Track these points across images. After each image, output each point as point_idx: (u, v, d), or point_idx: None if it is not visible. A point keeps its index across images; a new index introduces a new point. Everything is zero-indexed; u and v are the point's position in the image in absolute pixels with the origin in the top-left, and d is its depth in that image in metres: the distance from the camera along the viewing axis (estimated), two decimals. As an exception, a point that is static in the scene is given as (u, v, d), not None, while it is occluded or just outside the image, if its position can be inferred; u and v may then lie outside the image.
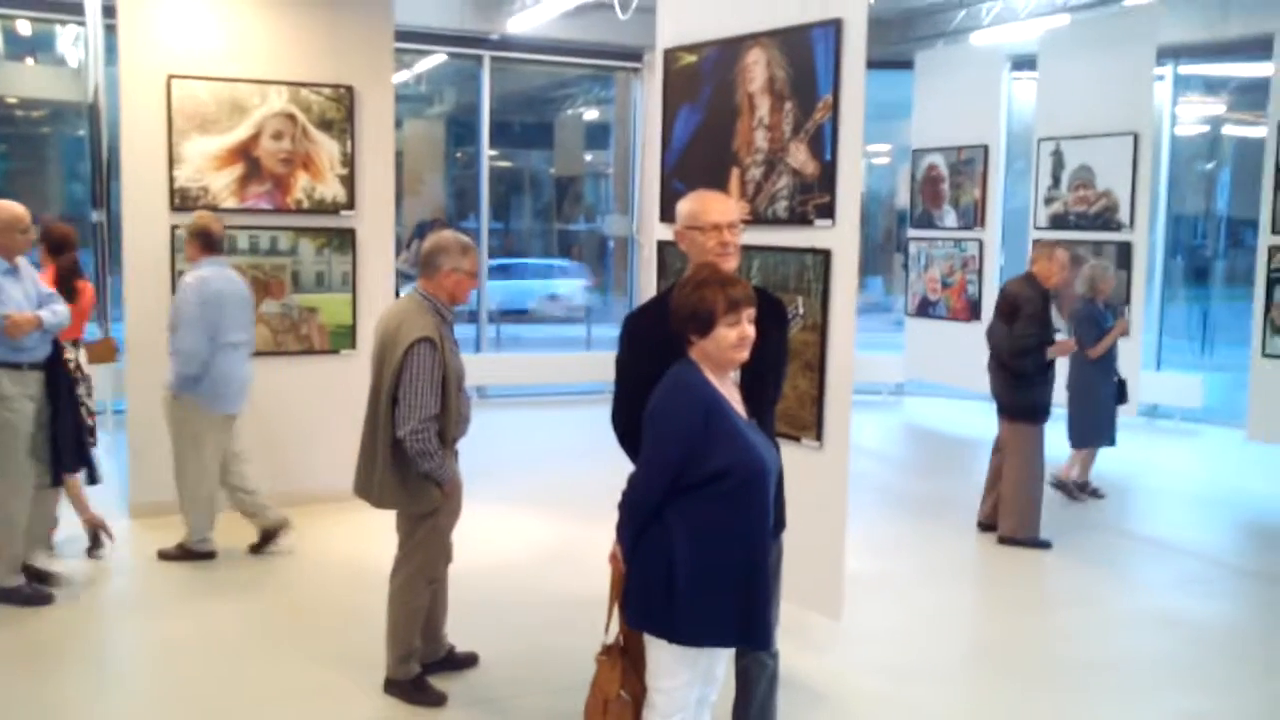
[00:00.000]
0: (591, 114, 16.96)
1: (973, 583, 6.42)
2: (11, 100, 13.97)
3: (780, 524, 3.41)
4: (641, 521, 3.03)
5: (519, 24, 10.90)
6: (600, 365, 11.70)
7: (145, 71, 6.82)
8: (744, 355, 3.05)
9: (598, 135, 17.02)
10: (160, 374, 6.17)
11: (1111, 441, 7.94)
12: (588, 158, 17.84)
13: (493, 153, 12.11)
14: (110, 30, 7.73)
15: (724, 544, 2.98)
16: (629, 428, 3.32)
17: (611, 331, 14.11)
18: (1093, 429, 7.84)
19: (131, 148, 6.86)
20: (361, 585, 5.71)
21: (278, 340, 7.21)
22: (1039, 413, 6.76)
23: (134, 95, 6.84)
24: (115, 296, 9.18)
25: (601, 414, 3.70)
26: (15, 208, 5.42)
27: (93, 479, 5.76)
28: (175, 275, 6.85)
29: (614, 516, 3.14)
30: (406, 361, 4.19)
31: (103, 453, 6.60)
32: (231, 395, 6.14)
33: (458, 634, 4.87)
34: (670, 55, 5.27)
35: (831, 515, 4.45)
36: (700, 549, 2.97)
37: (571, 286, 17.31)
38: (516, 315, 16.28)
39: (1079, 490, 7.95)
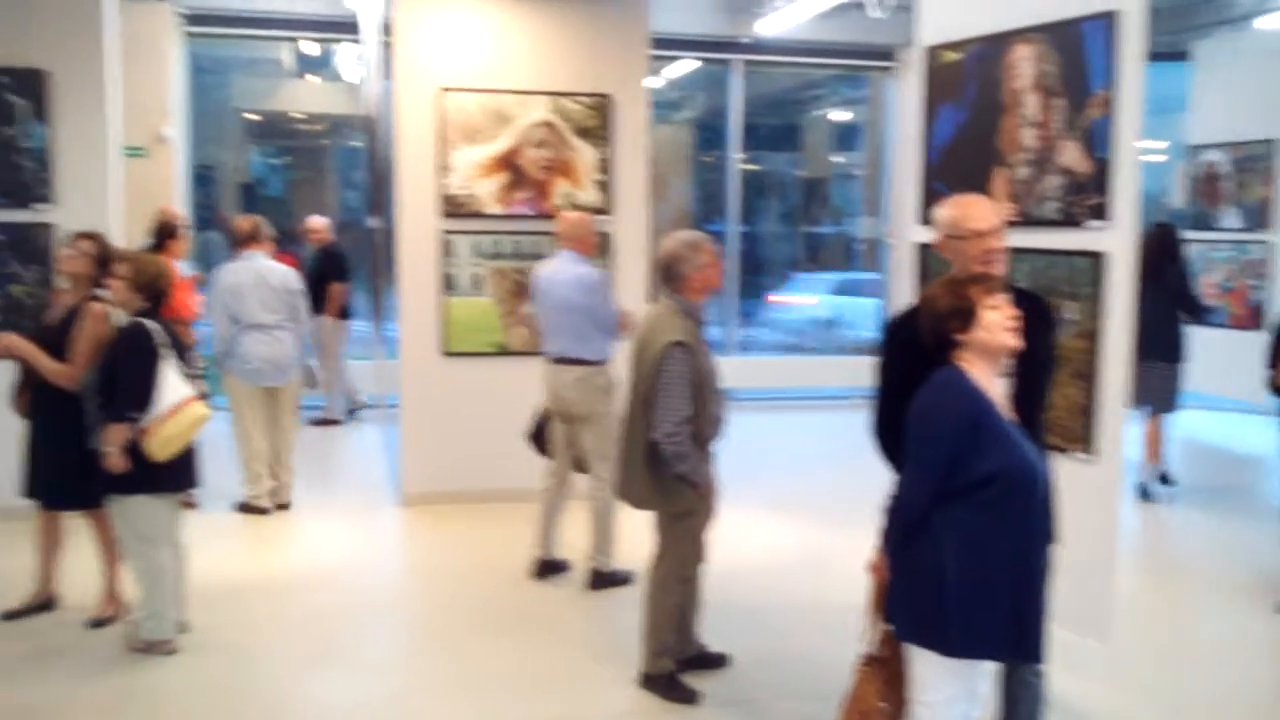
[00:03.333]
0: (840, 115, 16.75)
1: (1254, 611, 5.94)
2: (296, 115, 15.14)
3: (1053, 537, 3.26)
4: (908, 528, 2.97)
5: (768, 26, 10.88)
6: (848, 369, 11.57)
7: (418, 85, 7.22)
8: (1015, 340, 2.96)
9: (846, 137, 16.79)
10: (433, 372, 7.29)
11: None
12: (836, 159, 17.64)
13: (739, 155, 12.14)
14: (386, 47, 8.24)
15: (995, 552, 2.89)
16: (889, 434, 3.26)
17: (857, 335, 13.94)
18: None
19: (405, 158, 7.28)
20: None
21: (537, 342, 7.44)
22: None
23: (408, 108, 7.25)
24: (385, 298, 9.77)
25: (850, 419, 3.65)
26: (587, 215, 6.21)
27: None
28: (443, 277, 7.27)
29: (866, 523, 3.09)
30: (660, 365, 4.28)
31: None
32: (256, 371, 6.96)
33: (710, 634, 4.92)
34: (932, 53, 5.13)
35: (1102, 533, 4.23)
36: (970, 558, 2.88)
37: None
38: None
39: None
